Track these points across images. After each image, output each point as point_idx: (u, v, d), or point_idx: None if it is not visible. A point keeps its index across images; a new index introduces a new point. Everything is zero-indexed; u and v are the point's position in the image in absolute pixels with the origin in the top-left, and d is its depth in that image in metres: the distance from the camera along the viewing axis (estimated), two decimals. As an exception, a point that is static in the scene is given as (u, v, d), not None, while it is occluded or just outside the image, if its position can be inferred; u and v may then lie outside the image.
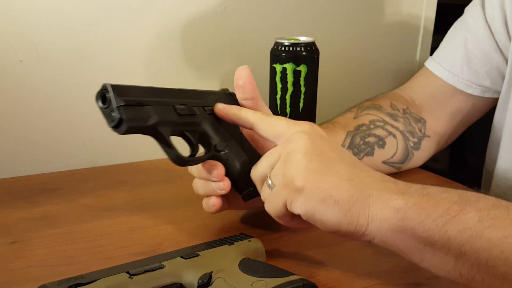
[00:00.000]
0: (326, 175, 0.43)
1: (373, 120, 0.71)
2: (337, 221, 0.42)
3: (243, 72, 0.53)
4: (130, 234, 0.56)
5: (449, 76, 0.74)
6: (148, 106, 0.45)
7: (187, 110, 0.49)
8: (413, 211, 0.40)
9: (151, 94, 0.46)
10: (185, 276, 0.41)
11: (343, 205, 0.42)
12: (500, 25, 0.69)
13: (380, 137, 0.69)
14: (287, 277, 0.39)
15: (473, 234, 0.38)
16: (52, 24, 0.73)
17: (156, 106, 0.46)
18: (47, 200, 0.65)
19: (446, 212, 0.39)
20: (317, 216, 0.42)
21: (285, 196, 0.44)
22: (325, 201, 0.42)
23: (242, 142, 0.53)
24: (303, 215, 0.43)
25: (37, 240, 0.55)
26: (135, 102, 0.44)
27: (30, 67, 0.73)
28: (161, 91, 0.48)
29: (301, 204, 0.43)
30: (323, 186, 0.42)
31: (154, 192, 0.68)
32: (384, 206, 0.41)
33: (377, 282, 0.47)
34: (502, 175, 0.71)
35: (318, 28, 0.92)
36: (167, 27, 0.80)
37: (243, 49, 0.87)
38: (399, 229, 0.41)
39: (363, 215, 0.42)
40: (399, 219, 0.41)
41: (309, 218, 0.43)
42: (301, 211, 0.43)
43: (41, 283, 0.39)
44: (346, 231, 0.42)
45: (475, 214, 0.39)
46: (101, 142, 0.80)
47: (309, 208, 0.42)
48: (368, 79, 1.00)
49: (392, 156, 0.70)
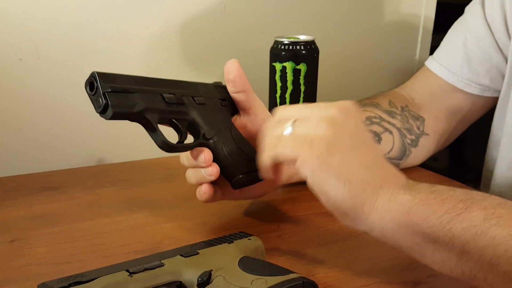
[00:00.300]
0: (350, 154, 0.42)
1: (370, 116, 0.71)
2: (342, 199, 0.41)
3: (232, 66, 0.54)
4: (129, 232, 0.56)
5: (449, 75, 0.74)
6: (135, 93, 0.47)
7: (176, 99, 0.50)
8: (419, 207, 0.40)
9: (139, 82, 0.48)
10: (185, 274, 0.41)
11: (354, 187, 0.41)
12: (500, 24, 0.69)
13: (376, 133, 0.69)
14: (287, 275, 0.39)
15: (477, 232, 0.38)
16: (51, 23, 0.73)
17: (143, 94, 0.47)
18: (47, 199, 0.65)
19: (452, 210, 0.39)
20: (324, 187, 0.42)
21: (301, 152, 0.42)
22: (339, 176, 0.41)
23: (232, 132, 0.54)
24: (309, 179, 0.42)
25: (36, 238, 0.55)
26: (122, 89, 0.46)
27: (30, 66, 0.73)
28: (150, 80, 0.49)
29: (313, 169, 0.42)
30: (343, 162, 0.42)
31: (154, 191, 0.68)
32: (392, 198, 0.41)
33: (377, 280, 0.47)
34: (502, 175, 0.71)
35: (318, 26, 0.92)
36: (166, 26, 0.80)
37: (242, 48, 0.87)
38: (402, 224, 0.41)
39: (369, 204, 0.41)
40: (404, 213, 0.40)
41: (315, 185, 0.42)
42: (309, 174, 0.42)
43: (41, 281, 0.39)
44: (346, 212, 0.42)
45: (480, 212, 0.39)
46: (100, 141, 0.80)
47: (321, 176, 0.42)
48: (367, 78, 1.00)
49: (388, 152, 0.71)
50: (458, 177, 0.72)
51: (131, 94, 0.46)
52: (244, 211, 0.62)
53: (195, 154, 0.51)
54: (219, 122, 0.53)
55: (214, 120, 0.53)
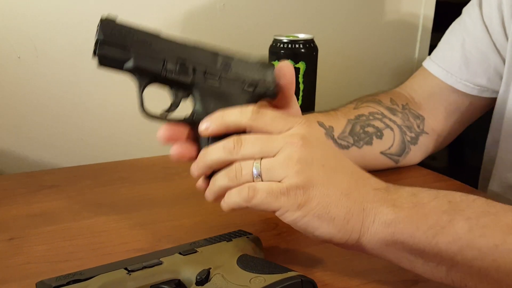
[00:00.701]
0: (329, 188, 0.42)
1: (372, 112, 0.71)
2: (330, 235, 0.42)
3: (287, 68, 0.48)
4: (128, 231, 0.56)
5: (447, 76, 0.74)
6: (130, 51, 0.44)
7: (178, 70, 0.45)
8: (403, 225, 0.40)
9: (146, 40, 0.45)
10: (183, 272, 0.41)
11: (338, 222, 0.41)
12: (498, 25, 0.69)
13: (378, 128, 0.70)
14: (285, 273, 0.39)
15: (463, 244, 0.38)
16: (50, 21, 0.73)
17: (140, 55, 0.45)
18: (46, 197, 0.65)
19: (436, 223, 0.40)
20: (309, 229, 0.42)
21: (281, 204, 0.41)
22: (321, 217, 0.41)
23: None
24: (292, 225, 0.42)
25: (35, 236, 0.55)
26: (118, 43, 0.44)
27: (29, 64, 0.73)
28: (162, 41, 0.46)
29: (296, 217, 0.41)
30: (323, 202, 0.41)
31: (153, 189, 0.68)
32: (376, 219, 0.42)
33: (375, 279, 0.47)
34: (500, 175, 0.71)
35: (317, 25, 0.92)
36: (165, 24, 0.80)
37: (241, 46, 0.86)
38: (390, 242, 0.41)
39: (356, 230, 0.42)
40: (390, 233, 0.41)
41: (299, 228, 0.42)
42: (292, 223, 0.42)
43: (40, 279, 0.40)
44: (337, 243, 0.43)
45: (464, 224, 0.39)
46: (99, 139, 0.80)
47: (303, 222, 0.41)
48: (367, 76, 1.01)
49: (389, 148, 0.71)
50: (456, 176, 0.73)
51: (125, 51, 0.44)
52: (242, 209, 0.62)
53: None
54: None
55: (216, 108, 0.46)
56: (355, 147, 0.67)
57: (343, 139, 0.66)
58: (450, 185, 0.70)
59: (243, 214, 0.61)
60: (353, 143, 0.67)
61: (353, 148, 0.67)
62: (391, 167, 0.72)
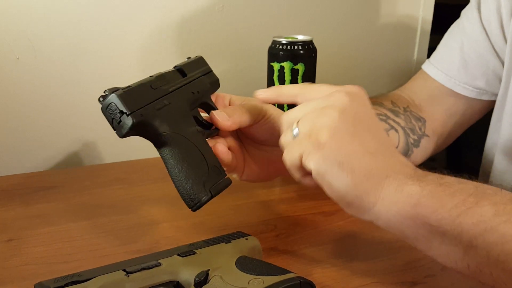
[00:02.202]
0: (353, 140, 0.41)
1: (377, 113, 0.71)
2: (345, 189, 0.41)
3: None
4: (126, 232, 0.56)
5: (446, 79, 0.74)
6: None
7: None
8: (427, 199, 0.39)
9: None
10: (182, 274, 0.41)
11: (357, 176, 0.40)
12: (496, 28, 0.69)
13: (384, 129, 0.70)
14: (284, 275, 0.39)
15: (487, 227, 0.37)
16: (49, 21, 0.73)
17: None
18: (44, 198, 0.65)
19: (462, 203, 0.39)
20: (327, 177, 0.41)
21: (304, 147, 0.41)
22: (341, 165, 0.40)
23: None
24: (314, 171, 0.41)
25: (33, 238, 0.55)
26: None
27: (27, 65, 0.73)
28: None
29: (316, 160, 0.41)
30: (346, 150, 0.41)
31: (151, 190, 0.68)
32: (399, 189, 0.40)
33: (374, 281, 0.47)
34: (498, 177, 0.71)
35: (316, 26, 0.92)
36: (164, 25, 0.80)
37: (240, 48, 0.87)
38: (410, 215, 0.40)
39: (374, 194, 0.41)
40: (412, 204, 0.40)
41: (319, 177, 0.41)
42: (313, 166, 0.41)
43: (38, 281, 0.39)
44: (350, 202, 0.41)
45: (491, 208, 0.38)
46: (97, 140, 0.80)
47: (323, 167, 0.41)
48: (365, 78, 1.01)
49: None
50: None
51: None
52: (241, 211, 0.62)
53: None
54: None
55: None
56: None
57: None
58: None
59: (242, 215, 0.61)
60: None
61: None
62: None
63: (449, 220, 0.38)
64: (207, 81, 0.55)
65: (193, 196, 0.46)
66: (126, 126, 0.45)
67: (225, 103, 0.56)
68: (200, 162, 0.47)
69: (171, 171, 0.47)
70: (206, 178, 0.47)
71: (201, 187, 0.46)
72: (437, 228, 0.39)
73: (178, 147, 0.47)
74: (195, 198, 0.46)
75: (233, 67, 0.87)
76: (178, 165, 0.47)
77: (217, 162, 0.49)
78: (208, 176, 0.47)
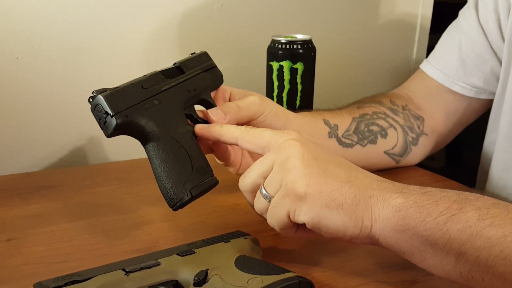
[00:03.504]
0: (326, 178, 0.42)
1: (376, 111, 0.71)
2: (343, 225, 0.42)
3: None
4: (126, 232, 0.56)
5: (444, 78, 0.74)
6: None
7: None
8: (414, 209, 0.40)
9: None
10: (181, 273, 0.41)
11: (347, 208, 0.42)
12: (494, 27, 0.69)
13: (383, 127, 0.70)
14: (283, 274, 0.39)
15: (473, 232, 0.38)
16: (48, 21, 0.73)
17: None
18: (43, 198, 0.65)
19: (446, 210, 0.40)
20: (322, 222, 0.42)
21: (288, 206, 0.42)
22: (329, 205, 0.41)
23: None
24: (308, 223, 0.42)
25: (33, 237, 0.55)
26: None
27: (26, 64, 0.73)
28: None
29: (305, 211, 0.42)
30: (325, 190, 0.42)
31: (150, 190, 0.68)
32: (386, 205, 0.42)
33: (373, 279, 0.47)
34: (497, 176, 0.71)
35: (315, 26, 0.92)
36: (163, 24, 0.80)
37: (239, 47, 0.87)
38: (401, 228, 0.41)
39: (367, 217, 0.42)
40: (401, 217, 0.41)
41: (315, 225, 0.42)
42: (306, 219, 0.42)
43: (37, 280, 0.40)
44: (352, 234, 0.42)
45: (474, 213, 0.39)
46: (97, 140, 0.80)
47: (314, 214, 0.42)
48: (365, 77, 1.01)
49: (393, 148, 0.71)
50: (454, 176, 0.73)
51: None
52: (240, 210, 0.62)
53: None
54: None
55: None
56: (359, 145, 0.67)
57: (347, 137, 0.66)
58: (448, 185, 0.70)
59: (241, 215, 0.61)
60: (357, 141, 0.67)
61: (357, 147, 0.67)
62: (391, 167, 0.73)
63: (436, 229, 0.39)
64: (208, 77, 0.55)
65: (173, 196, 0.46)
66: (111, 126, 0.46)
67: (225, 97, 0.57)
68: (184, 162, 0.47)
69: (154, 170, 0.47)
70: (188, 178, 0.47)
71: (182, 188, 0.46)
72: (427, 238, 0.40)
73: (163, 147, 0.47)
74: (175, 198, 0.46)
75: (232, 66, 0.87)
76: (161, 164, 0.47)
77: (204, 162, 0.49)
78: (190, 177, 0.47)
